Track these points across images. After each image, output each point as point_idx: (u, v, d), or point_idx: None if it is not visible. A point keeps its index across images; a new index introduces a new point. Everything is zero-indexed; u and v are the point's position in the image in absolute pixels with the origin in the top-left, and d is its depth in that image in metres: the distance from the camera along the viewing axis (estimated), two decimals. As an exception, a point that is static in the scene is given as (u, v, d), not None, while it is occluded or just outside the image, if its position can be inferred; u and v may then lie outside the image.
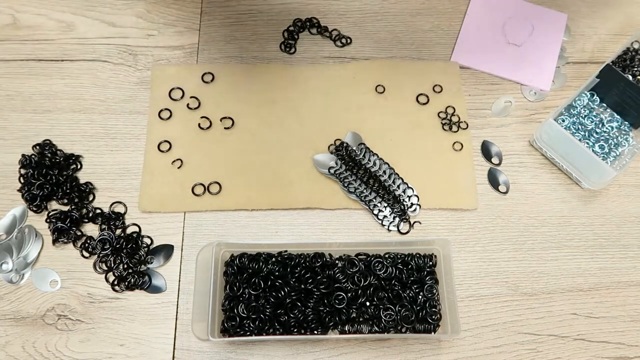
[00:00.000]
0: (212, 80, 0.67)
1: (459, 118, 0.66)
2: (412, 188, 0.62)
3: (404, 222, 0.61)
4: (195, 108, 0.66)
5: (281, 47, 0.69)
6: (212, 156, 0.63)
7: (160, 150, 0.63)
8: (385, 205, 0.61)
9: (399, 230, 0.61)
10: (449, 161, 0.64)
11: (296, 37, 0.70)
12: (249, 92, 0.67)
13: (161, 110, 0.65)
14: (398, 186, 0.62)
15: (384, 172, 0.63)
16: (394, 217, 0.61)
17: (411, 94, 0.68)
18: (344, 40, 0.70)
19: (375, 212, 0.61)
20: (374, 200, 0.61)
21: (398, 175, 0.63)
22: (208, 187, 0.62)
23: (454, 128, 0.66)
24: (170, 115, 0.65)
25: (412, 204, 0.62)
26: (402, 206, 0.61)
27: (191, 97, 0.66)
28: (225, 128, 0.65)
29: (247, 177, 0.62)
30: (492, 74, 0.69)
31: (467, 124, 0.66)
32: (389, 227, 0.61)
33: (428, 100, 0.67)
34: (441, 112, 0.67)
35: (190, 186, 0.62)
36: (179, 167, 0.63)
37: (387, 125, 0.66)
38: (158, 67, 0.67)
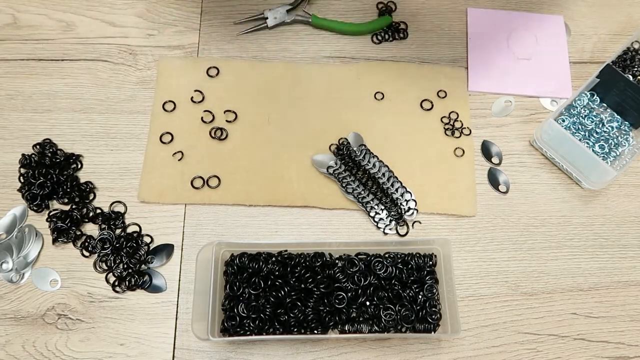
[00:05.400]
0: (217, 75, 0.67)
1: (462, 124, 0.66)
2: (410, 192, 0.62)
3: (401, 226, 0.61)
4: (199, 101, 0.66)
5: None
6: (213, 150, 0.64)
7: (162, 142, 0.64)
8: (383, 207, 0.61)
9: (398, 233, 0.61)
10: (450, 167, 0.64)
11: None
12: (252, 88, 0.67)
13: (165, 102, 0.65)
14: (396, 189, 0.62)
15: (383, 174, 0.63)
16: (390, 221, 0.61)
17: (415, 97, 0.68)
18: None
19: (372, 214, 0.61)
20: (372, 202, 0.61)
21: (397, 179, 0.63)
22: (207, 180, 0.62)
23: (457, 134, 0.66)
24: (174, 108, 0.65)
25: (409, 208, 0.61)
26: (399, 210, 0.61)
27: (195, 90, 0.66)
28: (227, 121, 0.65)
29: (246, 172, 0.63)
30: (513, 94, 0.68)
31: (470, 130, 0.66)
32: (384, 229, 0.61)
33: (432, 106, 0.67)
34: (444, 117, 0.67)
35: (189, 179, 0.62)
36: (179, 160, 0.63)
37: (389, 128, 0.66)
38: (164, 59, 0.68)
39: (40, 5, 0.71)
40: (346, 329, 0.55)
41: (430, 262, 0.58)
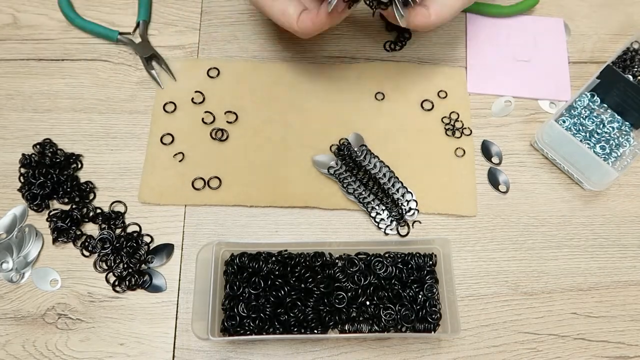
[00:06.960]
0: (217, 76, 0.67)
1: (463, 124, 0.66)
2: (411, 192, 0.62)
3: (401, 226, 0.61)
4: (200, 102, 0.66)
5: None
6: (214, 151, 0.64)
7: (163, 143, 0.64)
8: (383, 208, 0.61)
9: (399, 233, 0.61)
10: (450, 167, 0.64)
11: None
12: (253, 88, 0.67)
13: (166, 104, 0.65)
14: (397, 190, 0.62)
15: (384, 174, 0.62)
16: (391, 221, 0.61)
17: (415, 98, 0.67)
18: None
19: (373, 214, 0.61)
20: (372, 202, 0.61)
21: (398, 179, 0.63)
22: (208, 181, 0.62)
23: (457, 134, 0.66)
24: (175, 109, 0.65)
25: (410, 209, 0.61)
26: (400, 210, 0.61)
27: (196, 91, 0.66)
28: (228, 122, 0.65)
29: (247, 173, 0.63)
30: (512, 95, 0.68)
31: (471, 130, 0.66)
32: (385, 230, 0.61)
33: (433, 106, 0.67)
34: (445, 117, 0.67)
35: (190, 180, 0.62)
36: (180, 161, 0.63)
37: (390, 128, 0.66)
38: (164, 59, 0.68)
39: (40, 5, 0.71)
40: (346, 328, 0.55)
41: (430, 262, 0.58)
